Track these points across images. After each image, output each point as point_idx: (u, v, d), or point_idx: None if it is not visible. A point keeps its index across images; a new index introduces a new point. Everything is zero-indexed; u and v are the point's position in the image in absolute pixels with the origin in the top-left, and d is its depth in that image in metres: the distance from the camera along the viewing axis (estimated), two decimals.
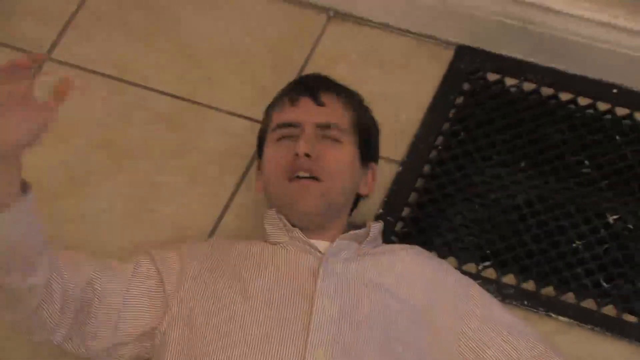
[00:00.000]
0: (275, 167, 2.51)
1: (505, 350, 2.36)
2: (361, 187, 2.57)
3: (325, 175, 2.46)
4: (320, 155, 2.48)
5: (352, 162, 2.53)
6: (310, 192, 2.44)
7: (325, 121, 2.53)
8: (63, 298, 2.32)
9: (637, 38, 2.69)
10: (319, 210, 2.45)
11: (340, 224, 2.51)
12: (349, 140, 2.54)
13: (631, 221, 2.63)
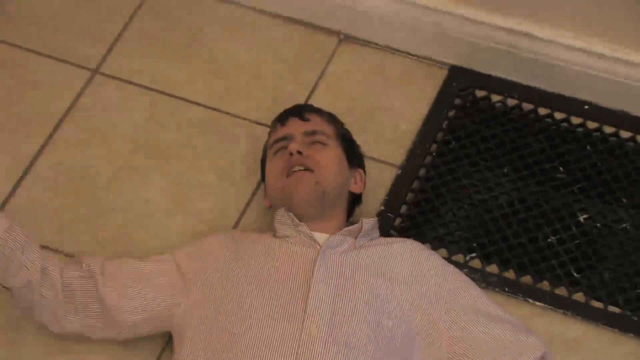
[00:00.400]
0: (275, 172, 2.55)
1: (485, 330, 2.36)
2: (352, 186, 2.60)
3: (317, 167, 2.50)
4: (311, 154, 2.53)
5: (339, 160, 2.57)
6: (306, 181, 2.47)
7: (312, 129, 2.58)
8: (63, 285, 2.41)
9: (605, 62, 2.72)
10: (315, 196, 2.47)
11: (338, 217, 2.53)
12: (334, 144, 2.59)
13: (599, 220, 2.64)
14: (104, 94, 2.90)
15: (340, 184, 2.54)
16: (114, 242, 2.68)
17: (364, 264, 2.39)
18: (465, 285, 2.47)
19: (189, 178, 2.79)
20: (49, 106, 2.89)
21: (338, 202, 2.54)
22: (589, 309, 2.53)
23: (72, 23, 3.10)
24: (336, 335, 2.26)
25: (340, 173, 2.55)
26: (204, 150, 2.84)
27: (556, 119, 2.83)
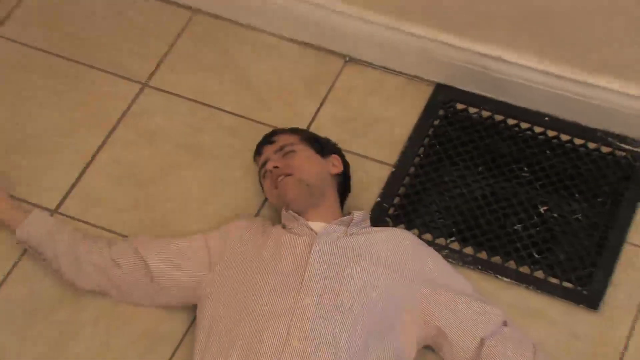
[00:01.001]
0: (268, 189, 2.57)
1: (456, 302, 2.36)
2: (332, 169, 2.60)
3: (293, 170, 2.51)
4: (286, 163, 2.54)
5: (309, 156, 2.58)
6: (289, 183, 2.49)
7: (279, 146, 2.61)
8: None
9: (562, 81, 2.74)
10: (302, 190, 2.49)
11: (330, 203, 2.54)
12: (301, 147, 2.60)
13: (556, 211, 2.65)
14: (151, 103, 2.92)
15: (318, 173, 2.55)
16: (158, 225, 2.69)
17: (353, 248, 2.40)
18: (440, 265, 2.49)
19: (221, 174, 2.79)
20: (106, 112, 2.90)
21: (326, 188, 2.55)
22: (547, 284, 2.55)
23: (126, 43, 3.08)
24: (326, 304, 2.27)
25: (314, 165, 2.57)
26: (233, 150, 2.83)
27: (522, 128, 2.83)
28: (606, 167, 2.75)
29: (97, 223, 2.68)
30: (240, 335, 2.25)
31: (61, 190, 2.75)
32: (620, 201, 2.68)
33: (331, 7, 2.90)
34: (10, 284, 2.57)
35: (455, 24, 2.81)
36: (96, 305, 2.52)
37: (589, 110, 2.78)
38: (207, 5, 3.08)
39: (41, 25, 3.07)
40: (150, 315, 2.51)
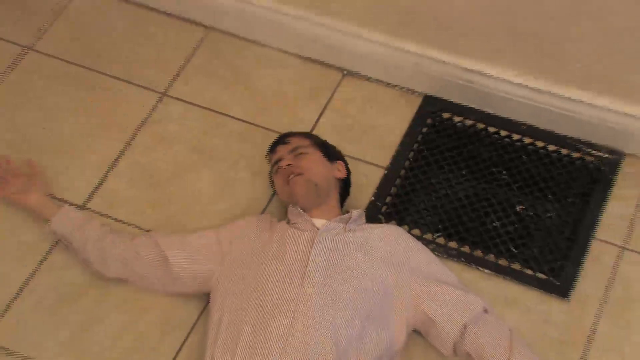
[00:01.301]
0: (279, 185, 2.56)
1: (442, 291, 2.36)
2: (337, 173, 2.59)
3: (304, 170, 2.51)
4: (297, 163, 2.54)
5: (319, 159, 2.58)
6: (299, 182, 2.48)
7: (292, 147, 2.60)
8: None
9: (537, 93, 2.75)
10: (310, 189, 2.48)
11: (332, 203, 2.54)
12: (312, 150, 2.59)
13: (531, 210, 2.66)
14: (169, 110, 2.93)
15: (325, 175, 2.54)
16: (174, 220, 2.69)
17: (351, 243, 2.41)
18: (428, 258, 2.48)
19: (230, 174, 2.78)
20: (129, 119, 2.90)
21: (330, 190, 2.54)
22: (523, 275, 2.56)
23: (147, 57, 3.06)
24: (326, 293, 2.29)
25: (323, 168, 2.56)
26: (241, 154, 2.82)
27: (501, 135, 2.83)
28: (576, 171, 2.75)
29: (119, 218, 2.68)
30: (249, 322, 2.25)
31: (87, 188, 2.74)
32: (589, 201, 2.68)
33: (331, 25, 2.90)
34: (42, 272, 2.56)
35: (443, 42, 2.81)
36: (119, 293, 2.53)
37: (561, 120, 2.78)
38: (220, 24, 3.08)
39: (71, 41, 3.07)
40: (167, 302, 2.51)
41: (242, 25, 3.05)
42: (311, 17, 2.92)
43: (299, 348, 2.19)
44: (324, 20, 2.91)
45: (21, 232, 2.64)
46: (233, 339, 2.25)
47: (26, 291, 2.54)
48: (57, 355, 2.44)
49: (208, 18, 3.09)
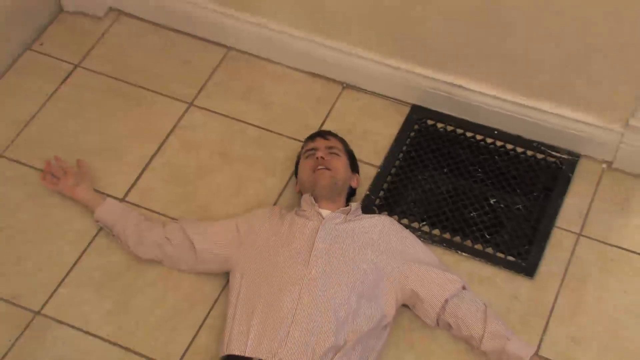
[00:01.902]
0: (306, 168, 2.56)
1: (426, 270, 2.37)
2: (352, 183, 2.60)
3: (332, 167, 2.52)
4: (329, 160, 2.54)
5: (345, 165, 2.58)
6: (325, 175, 2.50)
7: (330, 145, 2.61)
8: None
9: (507, 104, 2.75)
10: (330, 184, 2.49)
11: (340, 201, 2.53)
12: (343, 156, 2.60)
13: (502, 203, 2.66)
14: (195, 119, 2.92)
15: (345, 179, 2.55)
16: (199, 211, 2.68)
17: (349, 231, 2.42)
18: (414, 243, 2.49)
19: (247, 173, 2.77)
20: (160, 126, 2.89)
21: (342, 192, 2.55)
22: (495, 258, 2.56)
23: (176, 73, 3.04)
24: (329, 275, 2.29)
25: (345, 173, 2.56)
26: (257, 155, 2.82)
27: (477, 139, 2.83)
28: (540, 169, 2.75)
29: (152, 209, 2.69)
30: (263, 297, 2.27)
31: (126, 184, 2.74)
32: (550, 195, 2.68)
33: (333, 46, 2.90)
34: (89, 254, 2.57)
35: (427, 60, 2.80)
36: (153, 272, 2.53)
37: (527, 126, 2.78)
38: (238, 44, 3.07)
39: (112, 60, 3.07)
40: (193, 279, 2.52)
41: (257, 45, 3.04)
42: (316, 39, 2.91)
43: (305, 319, 2.20)
44: (326, 41, 2.90)
45: (73, 220, 2.64)
46: (249, 311, 2.26)
47: (76, 269, 2.54)
48: (101, 324, 2.43)
49: (228, 39, 3.07)
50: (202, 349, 2.40)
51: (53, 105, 2.95)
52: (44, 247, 2.60)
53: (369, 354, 2.28)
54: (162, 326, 2.44)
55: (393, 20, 2.75)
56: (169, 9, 3.09)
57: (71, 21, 3.19)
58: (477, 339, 2.31)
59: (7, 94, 2.98)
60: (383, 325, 2.33)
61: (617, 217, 2.64)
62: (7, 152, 2.82)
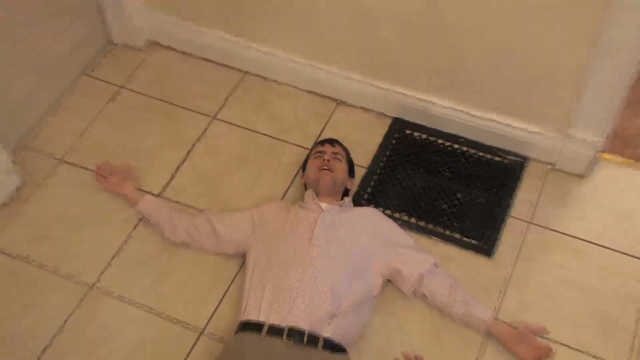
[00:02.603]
0: (313, 166, 2.55)
1: (405, 252, 2.39)
2: (347, 184, 2.59)
3: (334, 169, 2.52)
4: (333, 163, 2.54)
5: (345, 170, 2.58)
6: (328, 175, 2.50)
7: (336, 151, 2.60)
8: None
9: (470, 116, 2.75)
10: (330, 184, 2.49)
11: (337, 197, 2.52)
12: (344, 161, 2.59)
13: (467, 197, 2.65)
14: (218, 130, 2.91)
15: (343, 181, 2.55)
16: (221, 204, 2.67)
17: (343, 220, 2.42)
18: (396, 230, 2.50)
19: (258, 173, 2.76)
20: (188, 135, 2.89)
21: (339, 190, 2.54)
22: (461, 241, 2.56)
23: (202, 92, 3.02)
24: (326, 256, 2.29)
25: (343, 176, 2.56)
26: (267, 159, 2.80)
27: (445, 145, 2.81)
28: (497, 169, 2.75)
29: (183, 202, 2.69)
30: (272, 274, 2.27)
31: (162, 183, 2.74)
32: (505, 191, 2.68)
33: (329, 70, 2.89)
34: (132, 240, 2.58)
35: (404, 82, 2.80)
36: (183, 253, 2.53)
37: (486, 134, 2.78)
38: (252, 69, 3.06)
39: (150, 82, 3.07)
40: (216, 260, 2.52)
41: (267, 70, 3.04)
42: (315, 65, 2.91)
43: (307, 291, 2.21)
44: (323, 66, 2.90)
45: (119, 212, 2.65)
46: (262, 285, 2.27)
47: (122, 252, 2.55)
48: (142, 296, 2.44)
49: (244, 65, 3.07)
50: (224, 316, 2.40)
51: (103, 120, 2.95)
52: (96, 233, 2.61)
53: (360, 319, 2.28)
54: (191, 298, 2.44)
55: (377, 51, 2.75)
56: (196, 41, 3.08)
57: (117, 52, 3.19)
58: (447, 306, 2.32)
59: (66, 111, 2.98)
60: (371, 296, 2.34)
61: (559, 209, 2.64)
62: (66, 157, 2.82)
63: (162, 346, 2.35)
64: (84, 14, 3.01)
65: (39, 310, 2.42)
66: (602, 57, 2.36)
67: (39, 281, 2.49)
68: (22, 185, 2.73)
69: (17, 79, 2.78)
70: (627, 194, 2.68)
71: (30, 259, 2.54)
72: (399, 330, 2.37)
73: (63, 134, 2.90)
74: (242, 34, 2.98)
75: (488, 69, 2.60)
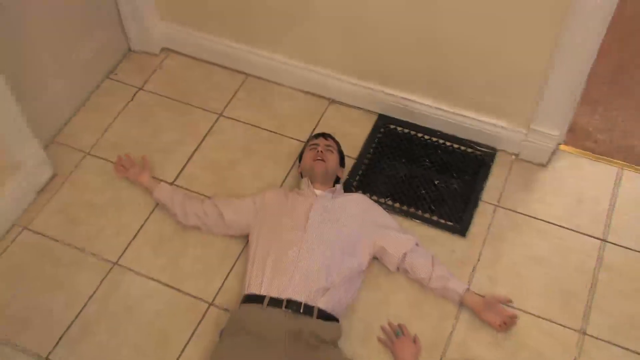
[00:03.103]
0: (308, 157, 2.53)
1: (390, 233, 2.39)
2: (338, 173, 2.56)
3: (327, 160, 2.49)
4: (326, 154, 2.51)
5: (336, 160, 2.55)
6: (321, 165, 2.47)
7: (328, 144, 2.58)
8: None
9: (446, 113, 2.75)
10: (322, 172, 2.47)
11: (329, 184, 2.50)
12: (335, 152, 2.57)
13: (444, 184, 2.65)
14: (224, 125, 2.89)
15: (334, 170, 2.52)
16: (227, 191, 2.65)
17: (335, 205, 2.41)
18: (382, 213, 2.49)
19: (262, 164, 2.74)
20: (199, 130, 2.86)
21: (331, 178, 2.52)
22: (439, 223, 2.56)
23: (210, 93, 3.00)
24: (319, 237, 2.29)
25: (335, 166, 2.53)
26: (269, 152, 2.79)
27: (425, 138, 2.80)
28: (470, 160, 2.75)
29: (194, 190, 2.67)
30: (272, 253, 2.26)
31: (175, 172, 2.73)
32: (477, 178, 2.68)
33: (322, 72, 2.88)
34: (149, 223, 2.57)
35: (388, 82, 2.79)
36: (194, 235, 2.53)
37: (460, 129, 2.78)
38: (254, 72, 3.04)
39: (165, 84, 3.05)
40: (223, 241, 2.51)
41: (268, 72, 3.02)
42: (310, 67, 2.90)
43: (304, 268, 2.21)
44: (317, 69, 2.89)
45: (138, 198, 2.64)
46: (263, 263, 2.26)
47: (141, 233, 2.54)
48: (159, 272, 2.44)
49: (247, 68, 3.05)
50: (230, 290, 2.40)
51: (123, 117, 2.94)
52: (118, 217, 2.60)
53: (350, 292, 2.29)
54: (201, 273, 2.44)
55: (364, 57, 2.74)
56: (205, 47, 3.07)
57: (136, 58, 3.16)
58: (427, 280, 2.33)
59: (92, 110, 2.97)
60: (360, 271, 2.34)
61: (523, 194, 2.65)
62: (92, 151, 2.81)
63: (176, 316, 2.35)
64: (108, 26, 3.02)
65: (70, 284, 2.43)
66: (560, 63, 2.39)
67: (69, 259, 2.49)
68: (54, 176, 2.73)
69: (49, 82, 2.79)
70: (582, 181, 2.69)
71: (62, 240, 2.54)
72: (384, 302, 2.37)
73: (89, 131, 2.89)
74: (244, 41, 2.98)
75: (462, 72, 2.61)
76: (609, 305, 2.36)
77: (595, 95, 2.90)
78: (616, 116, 2.85)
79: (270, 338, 2.10)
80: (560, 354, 2.25)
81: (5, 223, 2.54)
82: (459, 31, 2.47)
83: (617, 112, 2.86)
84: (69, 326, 2.33)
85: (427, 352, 2.26)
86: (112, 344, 2.30)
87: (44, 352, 2.27)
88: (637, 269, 2.44)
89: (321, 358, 2.09)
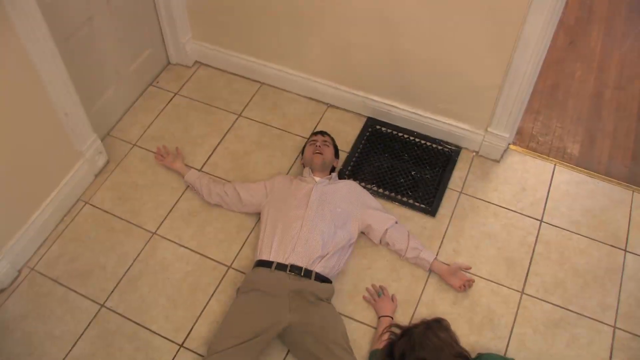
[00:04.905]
0: (308, 151, 2.50)
1: (375, 213, 2.36)
2: (334, 164, 2.54)
3: (324, 153, 2.47)
4: (323, 148, 2.50)
5: (332, 153, 2.53)
6: (319, 157, 2.45)
7: (325, 140, 2.55)
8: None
9: (421, 117, 2.72)
10: (320, 163, 2.45)
11: (327, 173, 2.47)
12: (331, 146, 2.55)
13: (419, 175, 2.62)
14: (242, 124, 2.83)
15: (330, 161, 2.50)
16: (244, 177, 2.61)
17: (331, 189, 2.38)
18: (369, 197, 2.45)
19: (272, 156, 2.70)
20: (222, 127, 2.81)
21: (328, 168, 2.48)
22: (414, 206, 2.53)
23: (231, 96, 2.94)
24: (318, 216, 2.26)
25: (331, 158, 2.51)
26: (278, 145, 2.75)
27: (405, 137, 2.76)
28: (440, 155, 2.71)
29: (217, 175, 2.63)
30: (279, 227, 2.24)
31: (202, 161, 2.70)
32: (445, 170, 2.66)
33: (322, 82, 2.84)
34: (181, 201, 2.55)
35: (375, 91, 2.75)
36: (217, 211, 2.50)
37: (433, 130, 2.75)
38: (267, 81, 2.99)
39: (196, 90, 2.98)
40: (240, 216, 2.50)
41: (278, 82, 2.96)
42: (312, 78, 2.85)
43: (304, 239, 2.20)
44: (318, 80, 2.85)
45: (172, 181, 2.62)
46: (271, 235, 2.24)
47: (174, 209, 2.53)
48: (188, 240, 2.43)
49: (262, 78, 3.00)
50: (245, 256, 2.40)
51: (162, 117, 2.89)
52: (156, 196, 2.58)
53: (342, 259, 2.27)
54: (223, 242, 2.44)
55: (355, 70, 2.71)
56: (228, 61, 3.02)
57: (173, 69, 3.10)
58: (403, 250, 2.33)
59: (138, 111, 2.92)
60: (350, 243, 2.32)
61: (481, 183, 2.63)
62: (138, 143, 2.77)
63: (201, 276, 2.35)
64: (151, 43, 3.00)
65: (119, 248, 2.44)
66: (511, 81, 2.41)
67: (120, 228, 2.50)
68: (108, 162, 2.71)
69: (104, 89, 2.78)
70: (526, 174, 2.68)
71: (114, 212, 2.54)
72: (369, 268, 2.37)
73: (136, 127, 2.86)
74: (260, 57, 2.94)
75: (433, 84, 2.59)
76: (543, 271, 2.38)
77: (537, 106, 2.97)
78: (553, 123, 2.91)
79: (276, 295, 2.09)
80: (505, 309, 2.28)
81: (72, 199, 2.57)
82: (428, 55, 2.47)
83: (554, 120, 2.92)
84: (119, 280, 2.35)
85: (402, 308, 2.27)
86: (152, 295, 2.31)
87: (101, 300, 2.30)
88: (565, 243, 2.46)
89: (317, 311, 2.09)
